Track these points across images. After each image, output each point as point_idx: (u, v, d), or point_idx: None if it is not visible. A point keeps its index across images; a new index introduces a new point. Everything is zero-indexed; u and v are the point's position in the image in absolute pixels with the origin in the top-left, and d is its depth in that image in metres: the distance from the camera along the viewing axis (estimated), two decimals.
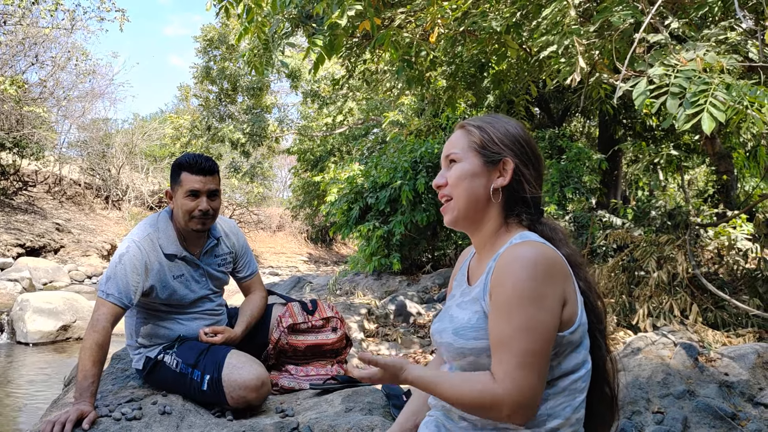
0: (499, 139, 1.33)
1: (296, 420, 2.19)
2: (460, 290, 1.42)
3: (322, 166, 19.23)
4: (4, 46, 14.36)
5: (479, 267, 1.37)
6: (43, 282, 11.15)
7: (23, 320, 6.55)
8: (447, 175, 1.36)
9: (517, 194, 1.33)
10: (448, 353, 1.32)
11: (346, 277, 8.93)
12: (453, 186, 1.34)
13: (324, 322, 2.67)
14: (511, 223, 1.34)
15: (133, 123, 25.26)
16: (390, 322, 5.32)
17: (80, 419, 2.04)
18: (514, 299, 1.16)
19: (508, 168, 1.32)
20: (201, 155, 2.41)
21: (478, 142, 1.34)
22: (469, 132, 1.36)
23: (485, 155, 1.33)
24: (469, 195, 1.32)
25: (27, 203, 18.44)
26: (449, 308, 1.41)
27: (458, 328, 1.29)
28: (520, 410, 1.14)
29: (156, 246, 2.38)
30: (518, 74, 5.72)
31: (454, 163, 1.35)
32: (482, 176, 1.32)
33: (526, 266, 1.17)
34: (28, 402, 4.60)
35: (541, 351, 1.15)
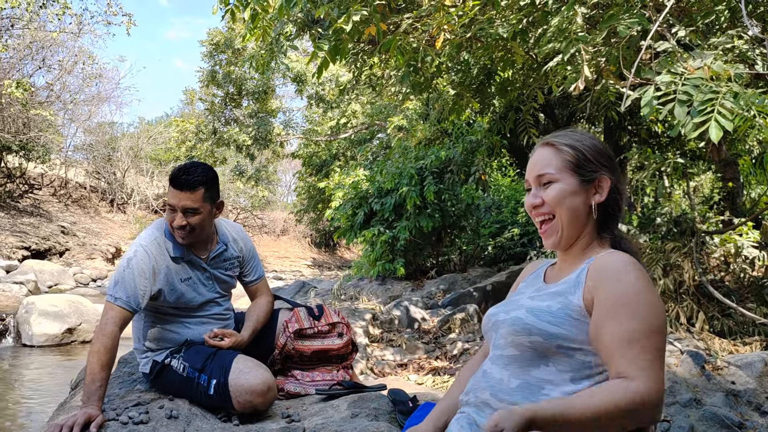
0: (594, 157, 1.34)
1: (302, 425, 2.19)
2: (534, 288, 1.44)
3: (327, 170, 19.27)
4: (12, 50, 14.45)
5: (563, 271, 1.39)
6: (49, 285, 11.19)
7: (29, 323, 6.57)
8: (542, 195, 1.36)
9: (612, 210, 1.37)
10: (511, 329, 1.31)
11: (350, 282, 8.94)
12: (553, 205, 1.34)
13: (330, 328, 2.67)
14: (604, 238, 1.38)
15: (138, 127, 25.38)
16: (395, 327, 5.32)
17: (88, 423, 2.05)
18: (637, 298, 1.18)
19: (604, 185, 1.34)
20: (189, 167, 2.35)
21: (573, 161, 1.34)
22: (561, 151, 1.36)
23: (581, 174, 1.34)
24: (571, 213, 1.34)
25: (33, 206, 18.52)
26: (518, 300, 1.42)
27: (534, 309, 1.30)
28: (660, 406, 1.14)
29: (163, 249, 2.39)
30: (524, 81, 5.72)
31: (550, 184, 1.35)
32: (580, 195, 1.33)
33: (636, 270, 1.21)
34: (34, 404, 4.61)
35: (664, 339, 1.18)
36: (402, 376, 4.27)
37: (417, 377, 4.15)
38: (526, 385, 1.26)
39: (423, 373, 4.23)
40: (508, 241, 9.15)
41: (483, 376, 1.36)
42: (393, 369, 4.43)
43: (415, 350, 4.76)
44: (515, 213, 9.41)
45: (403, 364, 4.51)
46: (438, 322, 5.42)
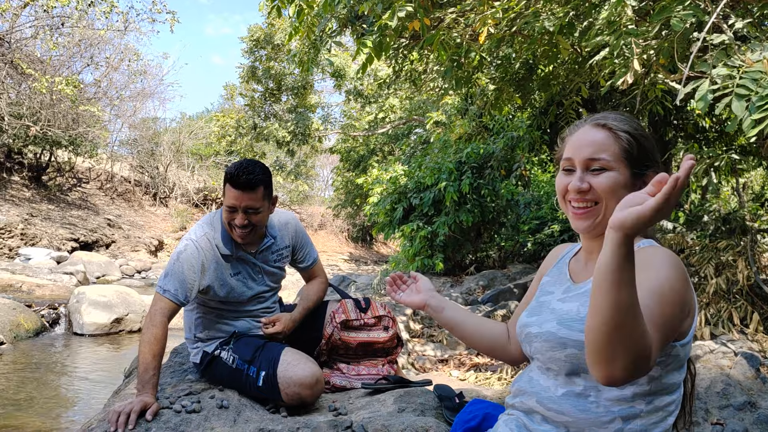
0: (651, 149, 1.27)
1: (349, 419, 2.21)
2: (563, 288, 1.38)
3: (365, 165, 19.32)
4: (62, 48, 14.91)
5: (589, 266, 1.34)
6: (96, 276, 11.53)
7: (80, 312, 6.79)
8: (591, 180, 1.26)
9: None
10: (545, 344, 1.28)
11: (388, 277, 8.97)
12: (603, 195, 1.25)
13: (376, 321, 2.69)
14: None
15: (180, 122, 25.89)
16: (435, 323, 5.31)
17: (144, 410, 2.11)
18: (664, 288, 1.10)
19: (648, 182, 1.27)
20: (247, 167, 2.34)
21: (629, 150, 1.25)
22: (619, 137, 1.26)
23: (635, 167, 1.26)
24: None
25: (81, 199, 19.10)
26: (547, 303, 1.37)
27: (564, 319, 1.26)
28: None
29: (213, 245, 2.42)
30: (568, 76, 5.63)
31: (603, 171, 1.25)
32: (629, 188, 1.24)
33: (671, 258, 1.14)
34: (87, 391, 4.77)
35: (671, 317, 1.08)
36: (443, 371, 4.27)
37: (459, 373, 4.14)
38: (572, 393, 1.23)
39: (464, 369, 4.23)
40: (547, 238, 9.04)
41: (529, 383, 1.34)
42: (434, 364, 4.44)
43: (455, 346, 4.75)
44: (555, 209, 9.28)
45: (443, 360, 4.51)
46: None
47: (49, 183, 18.23)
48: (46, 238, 13.95)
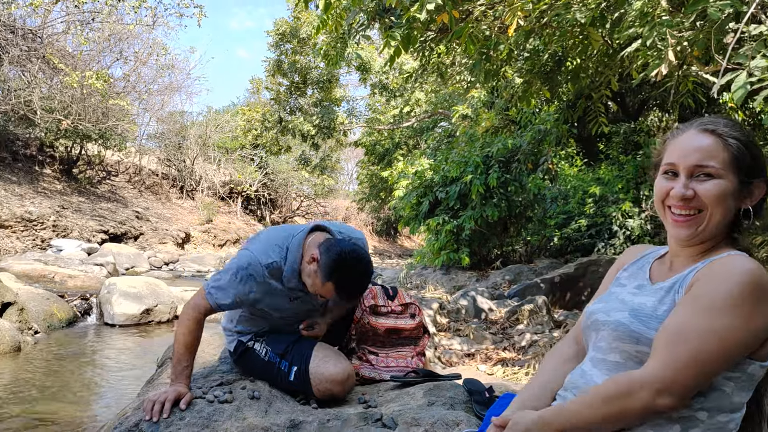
0: (759, 159, 1.23)
1: (379, 411, 2.22)
2: (636, 283, 1.35)
3: (390, 159, 19.31)
4: (92, 43, 15.14)
5: (673, 270, 1.30)
6: (126, 267, 11.73)
7: (110, 303, 6.92)
8: (696, 187, 1.22)
9: (755, 215, 1.25)
10: (613, 334, 1.25)
11: (413, 271, 8.96)
12: (709, 204, 1.21)
13: (403, 308, 2.72)
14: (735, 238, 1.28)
15: (206, 115, 26.14)
16: (462, 317, 5.31)
17: (177, 399, 2.15)
18: (720, 304, 1.10)
19: (757, 192, 1.23)
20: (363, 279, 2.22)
21: (740, 159, 1.21)
22: (728, 144, 1.21)
23: (743, 176, 1.21)
24: (725, 214, 1.22)
25: (110, 192, 19.44)
26: (617, 293, 1.35)
27: (638, 312, 1.23)
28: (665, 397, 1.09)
29: (278, 275, 2.29)
30: (598, 68, 5.55)
31: (710, 179, 1.21)
32: (735, 198, 1.21)
33: (747, 280, 1.10)
34: (119, 380, 4.87)
35: (718, 362, 1.09)
36: (469, 365, 4.26)
37: (486, 368, 4.13)
38: None
39: (491, 364, 4.21)
40: (574, 233, 8.94)
41: (582, 377, 1.31)
42: (460, 358, 4.43)
43: (482, 340, 4.74)
44: (582, 204, 9.17)
45: (470, 354, 4.50)
46: (505, 312, 5.37)
47: (79, 176, 18.58)
48: (76, 230, 14.24)
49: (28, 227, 13.13)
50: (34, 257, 9.62)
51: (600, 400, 1.14)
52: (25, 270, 8.31)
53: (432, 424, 2.02)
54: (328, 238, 2.29)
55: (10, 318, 5.56)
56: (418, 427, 2.03)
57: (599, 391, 1.16)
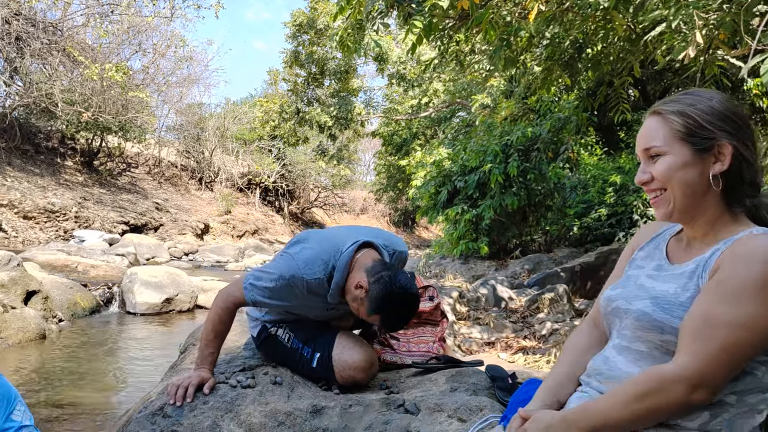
0: (708, 121, 1.19)
1: (402, 397, 2.21)
2: (654, 264, 1.32)
3: (407, 149, 19.28)
4: (112, 35, 15.28)
5: (692, 249, 1.27)
6: (146, 257, 11.87)
7: (132, 292, 7.01)
8: (651, 170, 1.23)
9: (738, 178, 1.21)
10: (636, 323, 1.23)
11: (432, 261, 8.95)
12: (663, 181, 1.22)
13: (421, 291, 2.71)
14: (737, 211, 1.23)
15: (224, 107, 26.28)
16: (481, 305, 5.29)
17: (201, 384, 2.16)
18: (747, 289, 1.06)
19: (725, 152, 1.19)
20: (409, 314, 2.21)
21: (681, 130, 1.20)
22: (668, 119, 1.22)
23: (694, 143, 1.19)
24: (685, 187, 1.20)
25: (130, 183, 19.66)
26: (635, 276, 1.31)
27: (660, 300, 1.20)
28: (699, 392, 1.08)
29: (319, 291, 2.25)
30: (620, 54, 5.46)
31: (658, 157, 1.23)
32: (695, 165, 1.19)
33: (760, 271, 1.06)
34: (141, 367, 4.93)
35: (747, 349, 1.07)
36: (490, 354, 4.25)
37: (507, 356, 4.12)
38: None
39: (512, 352, 4.19)
40: (594, 222, 8.86)
41: (605, 363, 1.28)
42: (480, 347, 4.42)
43: (502, 329, 4.72)
44: (603, 193, 9.07)
45: (490, 343, 4.48)
46: (526, 301, 5.34)
47: (100, 168, 18.80)
48: (98, 221, 14.43)
49: (51, 218, 13.33)
50: (57, 247, 9.76)
51: (631, 397, 1.11)
52: (49, 260, 8.44)
53: (455, 410, 2.01)
54: (375, 264, 2.21)
55: (35, 306, 5.65)
56: (441, 412, 2.02)
57: (629, 388, 1.13)
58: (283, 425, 2.07)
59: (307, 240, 2.34)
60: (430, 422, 1.96)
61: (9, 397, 1.90)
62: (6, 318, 5.07)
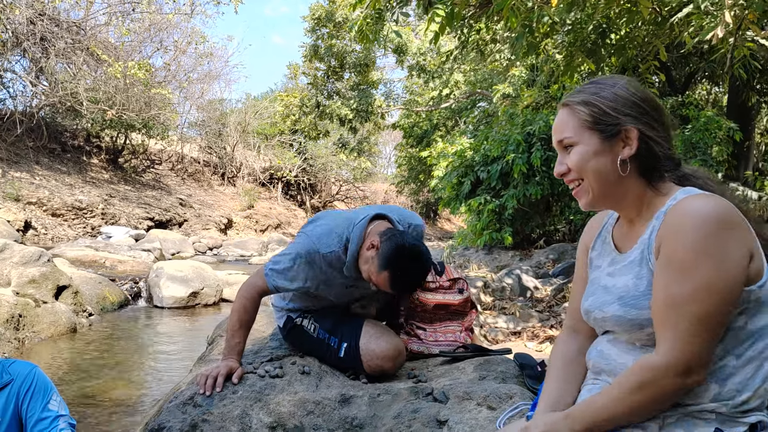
0: (612, 108, 1.22)
1: (430, 386, 2.21)
2: (608, 259, 1.32)
3: (428, 140, 19.21)
4: (133, 34, 15.44)
5: (632, 231, 1.28)
6: (172, 252, 12.02)
7: (159, 286, 7.10)
8: (566, 161, 1.26)
9: (650, 158, 1.22)
10: (618, 327, 1.23)
11: (456, 252, 8.91)
12: (578, 170, 1.24)
13: (451, 283, 2.69)
14: (658, 185, 1.24)
15: (245, 102, 26.42)
16: (506, 295, 5.26)
17: (229, 374, 2.18)
18: (690, 257, 1.07)
19: (631, 136, 1.21)
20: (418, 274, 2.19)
21: (588, 120, 1.22)
22: (575, 110, 1.25)
23: (602, 130, 1.21)
24: (599, 174, 1.22)
25: (154, 180, 19.90)
26: (598, 279, 1.32)
27: (626, 298, 1.20)
28: (690, 376, 1.08)
29: (337, 264, 2.27)
30: (645, 38, 5.36)
31: (571, 148, 1.25)
32: (606, 152, 1.21)
33: (704, 219, 1.07)
34: (169, 360, 5.00)
35: (717, 315, 1.07)
36: (516, 343, 4.23)
37: (534, 345, 4.09)
38: None
39: (538, 341, 4.16)
40: None
41: (601, 357, 1.29)
42: (506, 336, 4.39)
43: (528, 318, 4.68)
44: None
45: (516, 332, 4.46)
46: (551, 290, 5.29)
47: (124, 165, 19.06)
48: (124, 218, 14.64)
49: (79, 215, 13.56)
50: (85, 244, 9.94)
51: (628, 391, 1.12)
52: (78, 256, 8.59)
53: (484, 398, 2.00)
54: (389, 228, 2.23)
55: (65, 301, 5.76)
56: (470, 400, 2.01)
57: (625, 381, 1.14)
58: (312, 414, 2.07)
59: (321, 218, 2.37)
60: (459, 410, 1.95)
61: (46, 388, 1.96)
62: (38, 312, 5.17)
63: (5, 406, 1.88)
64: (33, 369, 1.98)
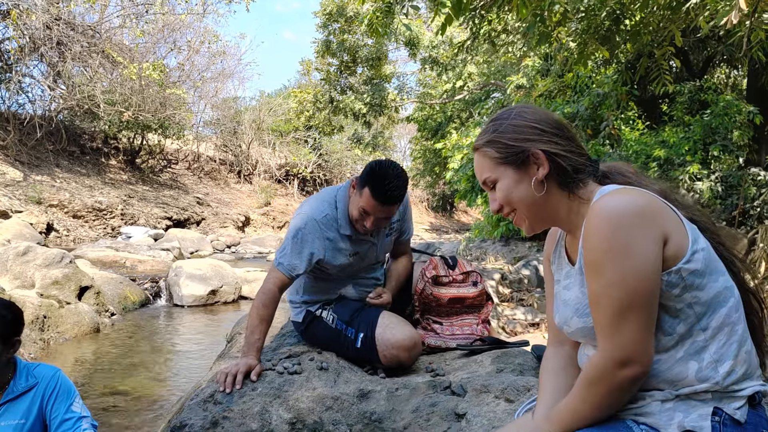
0: (511, 139, 1.28)
1: (448, 379, 2.21)
2: (563, 272, 1.36)
3: (443, 132, 19.14)
4: (147, 35, 15.56)
5: (575, 241, 1.31)
6: (190, 251, 12.12)
7: (178, 285, 7.18)
8: (496, 198, 1.32)
9: (564, 170, 1.27)
10: (586, 336, 1.27)
11: (473, 244, 8.89)
12: (508, 204, 1.30)
13: (464, 276, 2.70)
14: (579, 192, 1.27)
15: (259, 100, 26.51)
16: (524, 287, 5.24)
17: (248, 371, 2.20)
18: (599, 256, 1.11)
19: (539, 157, 1.26)
20: (395, 183, 2.29)
21: (497, 156, 1.29)
22: (484, 153, 1.32)
23: (512, 162, 1.28)
24: (525, 200, 1.28)
25: (171, 179, 20.08)
26: (559, 294, 1.35)
27: (580, 310, 1.24)
28: (629, 367, 1.11)
29: (333, 226, 2.42)
30: (660, 23, 5.28)
31: (495, 185, 1.31)
32: (523, 179, 1.27)
33: (607, 218, 1.11)
34: (189, 357, 5.06)
35: (639, 301, 1.09)
36: (535, 334, 4.21)
37: None
38: None
39: None
40: None
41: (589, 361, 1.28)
42: (524, 328, 4.38)
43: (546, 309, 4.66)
44: (646, 168, 8.82)
45: (534, 324, 4.44)
46: None
47: (142, 165, 19.25)
48: (143, 218, 14.80)
49: (99, 216, 13.74)
50: (106, 244, 10.07)
51: (583, 391, 1.18)
52: (99, 256, 8.71)
53: (502, 390, 2.00)
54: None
55: (88, 301, 5.85)
56: (488, 393, 2.01)
57: (579, 381, 1.20)
58: (331, 410, 2.09)
59: (306, 200, 2.53)
60: (477, 403, 1.96)
61: (69, 391, 2.01)
62: (62, 313, 5.26)
63: (30, 407, 1.93)
64: (56, 372, 2.03)
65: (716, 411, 1.11)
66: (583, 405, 1.18)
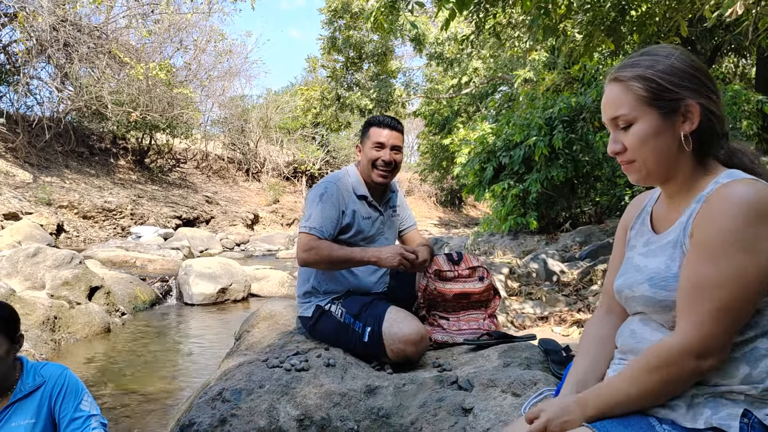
0: (671, 82, 1.15)
1: (455, 374, 2.22)
2: (643, 240, 1.30)
3: (450, 127, 19.11)
4: (153, 35, 15.61)
5: (671, 212, 1.25)
6: (200, 250, 12.17)
7: (188, 283, 7.22)
8: (623, 140, 1.20)
9: (709, 133, 1.18)
10: (650, 307, 1.22)
11: (481, 238, 8.87)
12: (636, 150, 1.19)
13: (470, 272, 2.69)
14: (708, 162, 1.20)
15: (266, 98, 26.54)
16: (533, 280, 5.22)
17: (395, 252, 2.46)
18: (722, 243, 1.06)
19: (693, 111, 1.15)
20: (389, 116, 2.67)
21: (645, 96, 1.16)
22: (629, 87, 1.18)
23: (661, 107, 1.16)
24: (658, 154, 1.18)
25: (180, 179, 20.16)
26: (631, 258, 1.30)
27: (656, 278, 1.18)
28: (705, 359, 1.07)
29: (349, 188, 2.63)
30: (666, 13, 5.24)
31: (629, 127, 1.19)
32: (666, 130, 1.16)
33: (740, 206, 1.05)
34: (200, 355, 5.09)
35: (743, 302, 1.06)
36: (543, 328, 4.20)
37: (561, 329, 4.06)
38: None
39: (566, 326, 4.13)
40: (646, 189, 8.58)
41: (632, 337, 1.27)
42: (533, 322, 4.37)
43: (555, 303, 4.65)
44: None
45: (543, 317, 4.43)
46: (578, 274, 5.24)
47: (151, 165, 19.34)
48: (152, 217, 14.88)
49: (109, 217, 13.83)
50: (116, 244, 10.12)
51: (641, 373, 1.12)
52: (109, 256, 8.76)
53: (509, 385, 2.00)
54: None
55: (98, 301, 5.89)
56: (494, 388, 2.01)
57: (639, 363, 1.14)
58: (339, 406, 2.10)
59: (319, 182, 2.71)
60: (484, 398, 1.96)
61: (77, 389, 2.02)
62: (73, 314, 5.30)
63: (39, 406, 1.95)
64: (64, 371, 2.04)
65: (746, 413, 1.08)
66: (637, 389, 1.12)
